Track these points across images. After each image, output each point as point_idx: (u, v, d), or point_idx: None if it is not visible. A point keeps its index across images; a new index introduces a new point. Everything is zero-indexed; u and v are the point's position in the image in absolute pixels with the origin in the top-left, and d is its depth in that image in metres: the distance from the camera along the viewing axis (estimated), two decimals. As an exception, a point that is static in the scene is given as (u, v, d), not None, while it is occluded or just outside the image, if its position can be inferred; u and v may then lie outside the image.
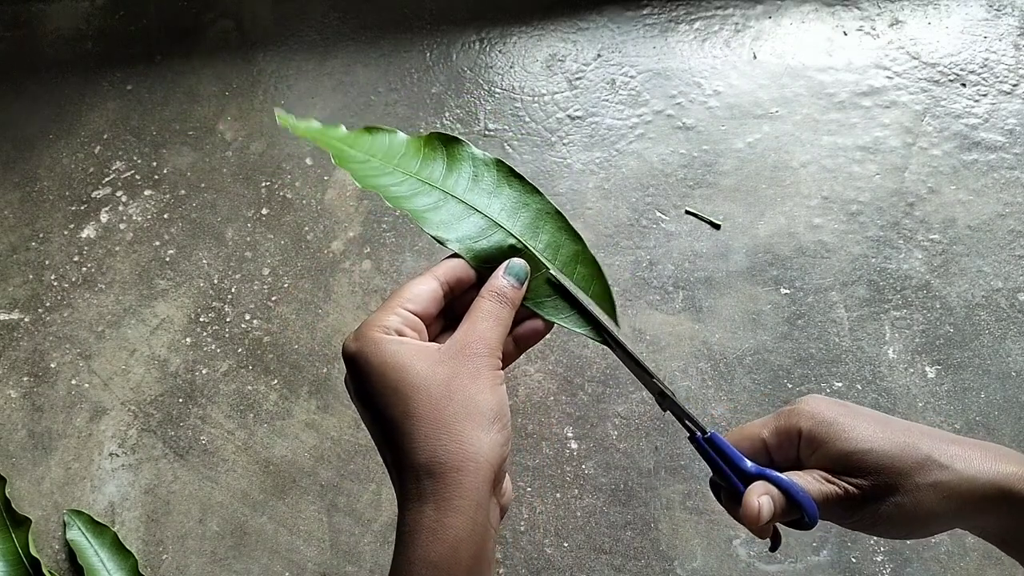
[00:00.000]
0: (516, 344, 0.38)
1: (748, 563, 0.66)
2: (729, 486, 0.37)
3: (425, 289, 0.35)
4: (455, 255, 0.38)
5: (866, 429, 0.35)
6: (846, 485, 0.35)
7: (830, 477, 0.35)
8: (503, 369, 0.35)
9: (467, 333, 0.33)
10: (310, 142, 0.41)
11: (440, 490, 0.29)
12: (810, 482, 0.35)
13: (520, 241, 0.38)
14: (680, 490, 0.69)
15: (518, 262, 0.36)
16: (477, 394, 0.31)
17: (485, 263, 0.37)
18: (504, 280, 0.35)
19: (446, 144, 0.40)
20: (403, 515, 0.31)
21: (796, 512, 0.35)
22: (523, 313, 0.37)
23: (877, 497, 0.34)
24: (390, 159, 0.40)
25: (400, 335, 0.33)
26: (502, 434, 0.31)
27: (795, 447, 0.37)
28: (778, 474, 0.36)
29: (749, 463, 0.37)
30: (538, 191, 0.39)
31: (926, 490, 0.33)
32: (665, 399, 0.39)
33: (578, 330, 0.38)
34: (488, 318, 0.34)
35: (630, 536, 0.68)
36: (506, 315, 0.35)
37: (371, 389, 0.32)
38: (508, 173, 0.40)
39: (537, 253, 0.38)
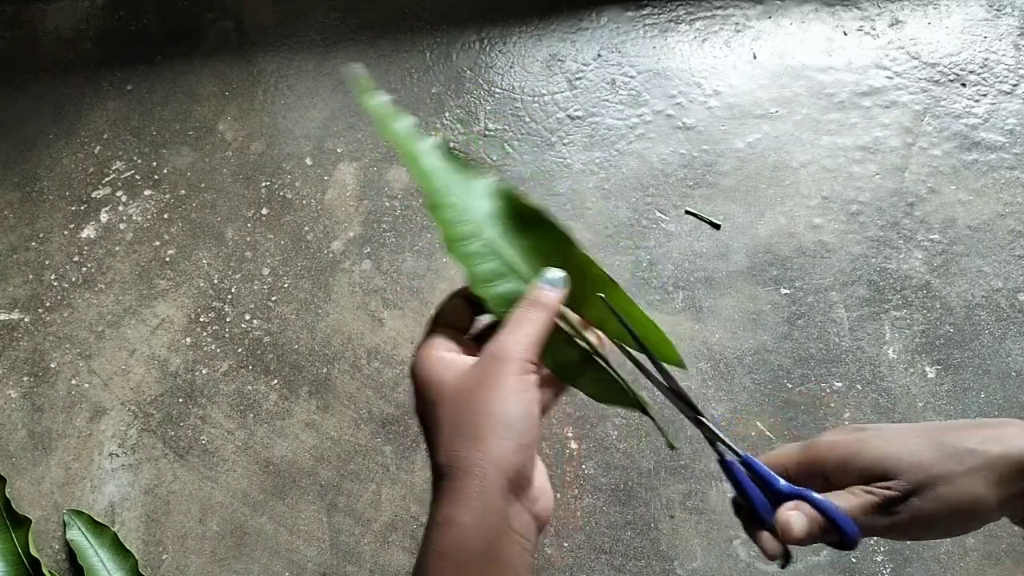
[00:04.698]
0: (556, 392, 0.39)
1: (748, 563, 0.66)
2: (751, 509, 0.37)
3: (453, 305, 0.38)
4: None
5: (890, 436, 0.36)
6: (882, 491, 0.34)
7: (867, 488, 0.35)
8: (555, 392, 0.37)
9: (496, 341, 0.34)
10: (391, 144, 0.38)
11: (452, 490, 0.31)
12: (847, 498, 0.35)
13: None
14: (680, 490, 0.69)
15: (552, 271, 0.37)
16: (494, 401, 0.32)
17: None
18: (539, 288, 0.36)
19: (525, 212, 0.38)
20: (430, 512, 0.33)
21: (834, 533, 0.35)
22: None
23: (917, 493, 0.34)
24: (468, 208, 0.38)
25: (447, 350, 0.36)
26: (516, 440, 0.32)
27: (818, 478, 0.37)
28: (814, 494, 0.35)
29: (782, 482, 0.37)
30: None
31: (967, 477, 0.34)
32: (700, 424, 0.39)
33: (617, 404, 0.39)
34: (518, 322, 0.35)
35: (630, 536, 0.68)
36: (539, 317, 0.35)
37: (417, 402, 0.35)
38: (566, 240, 0.38)
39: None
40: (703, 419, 0.39)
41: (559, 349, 0.37)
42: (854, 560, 0.65)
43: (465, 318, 0.38)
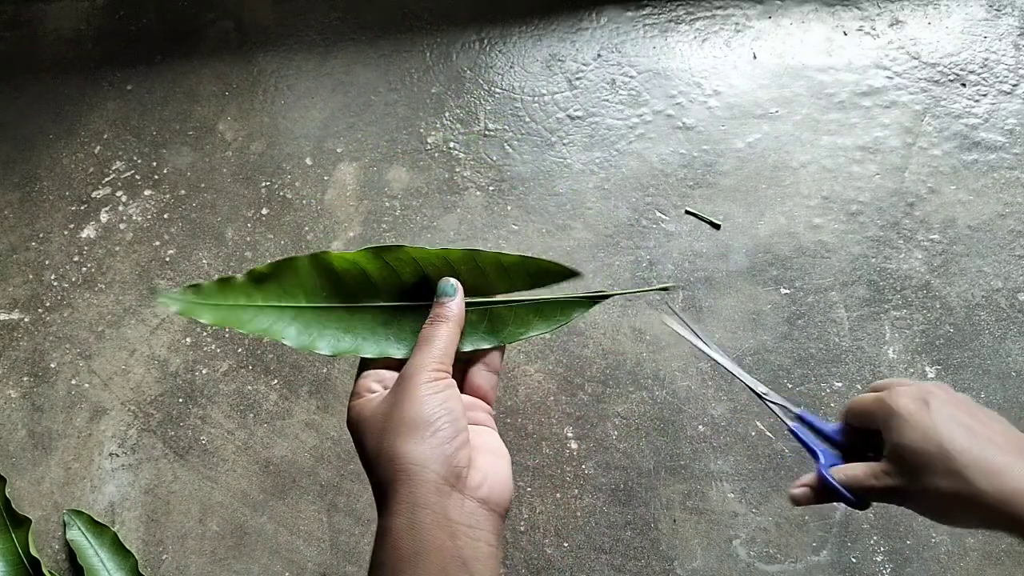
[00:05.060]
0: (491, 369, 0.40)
1: (748, 563, 0.66)
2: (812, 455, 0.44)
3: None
4: None
5: (924, 429, 0.37)
6: (887, 481, 0.38)
7: (878, 473, 0.38)
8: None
9: (406, 366, 0.36)
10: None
11: (384, 502, 0.33)
12: (855, 473, 0.39)
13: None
14: (680, 490, 0.69)
15: (443, 282, 0.38)
16: (407, 412, 0.34)
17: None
18: (436, 303, 0.38)
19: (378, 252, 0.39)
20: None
21: (838, 497, 0.40)
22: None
23: (909, 494, 0.37)
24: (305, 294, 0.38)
25: (371, 389, 0.37)
26: (437, 436, 0.33)
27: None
28: (823, 467, 0.41)
29: (823, 448, 0.44)
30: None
31: (940, 498, 0.35)
32: (760, 396, 0.47)
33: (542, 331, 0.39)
34: (423, 342, 0.37)
35: (630, 536, 0.68)
36: (442, 330, 0.37)
37: (358, 453, 0.37)
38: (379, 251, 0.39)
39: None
40: (760, 390, 0.47)
41: (493, 328, 0.39)
42: (854, 560, 0.65)
43: (381, 360, 0.40)
